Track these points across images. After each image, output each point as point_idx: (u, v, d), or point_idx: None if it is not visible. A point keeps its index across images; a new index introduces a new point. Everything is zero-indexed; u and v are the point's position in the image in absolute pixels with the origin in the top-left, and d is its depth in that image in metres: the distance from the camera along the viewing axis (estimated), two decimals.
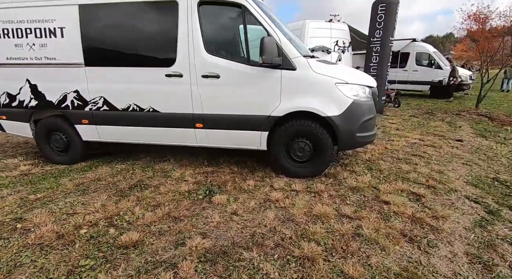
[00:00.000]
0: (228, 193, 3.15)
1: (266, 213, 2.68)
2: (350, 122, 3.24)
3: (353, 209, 2.75)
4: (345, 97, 3.18)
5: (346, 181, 3.40)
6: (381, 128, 6.39)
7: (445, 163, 4.11)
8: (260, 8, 3.21)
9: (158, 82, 3.55)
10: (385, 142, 5.13)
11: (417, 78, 13.59)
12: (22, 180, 3.64)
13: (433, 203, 2.90)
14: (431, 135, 5.77)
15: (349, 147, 3.55)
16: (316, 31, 7.28)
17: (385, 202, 2.88)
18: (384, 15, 7.54)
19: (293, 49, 3.18)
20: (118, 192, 3.22)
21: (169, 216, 2.66)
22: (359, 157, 4.30)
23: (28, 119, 4.27)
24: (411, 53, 13.85)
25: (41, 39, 3.85)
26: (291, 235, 2.33)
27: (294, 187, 3.24)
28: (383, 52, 7.81)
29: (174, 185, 3.38)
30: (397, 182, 3.36)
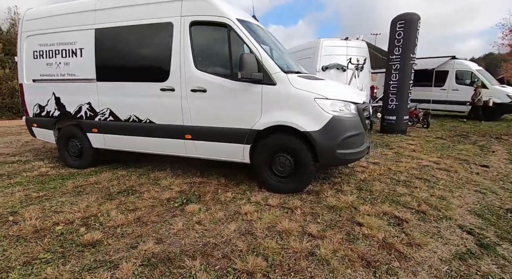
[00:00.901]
0: (203, 203, 3.21)
1: (229, 225, 2.66)
2: (330, 138, 3.14)
3: (320, 228, 2.62)
4: (324, 112, 3.12)
5: (327, 199, 3.25)
6: (396, 148, 6.00)
7: (453, 189, 3.72)
8: (245, 27, 3.37)
9: (154, 95, 3.84)
10: (391, 163, 4.81)
11: (458, 98, 12.55)
12: (36, 180, 4.10)
13: (415, 229, 2.63)
14: (452, 158, 5.26)
15: (329, 164, 3.41)
16: (330, 49, 7.27)
17: (359, 224, 2.69)
18: (403, 32, 7.30)
19: (274, 65, 3.25)
20: (107, 195, 3.47)
21: (138, 221, 2.79)
22: (354, 176, 4.09)
23: (52, 127, 4.86)
24: (450, 71, 12.96)
25: (65, 58, 4.45)
26: (242, 248, 2.29)
27: (270, 201, 3.18)
28: (404, 70, 7.48)
29: (158, 192, 3.54)
30: (383, 205, 3.12)
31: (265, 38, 3.87)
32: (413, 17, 7.28)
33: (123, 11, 3.95)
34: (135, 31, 3.89)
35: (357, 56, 7.38)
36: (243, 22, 3.45)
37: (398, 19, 7.41)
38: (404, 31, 7.32)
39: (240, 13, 3.68)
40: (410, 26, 7.28)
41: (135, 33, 3.90)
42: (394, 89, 7.71)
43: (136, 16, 3.86)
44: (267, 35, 4.07)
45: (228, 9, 3.45)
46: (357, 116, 3.34)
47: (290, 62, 4.08)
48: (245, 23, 3.48)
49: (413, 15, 7.29)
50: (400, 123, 7.77)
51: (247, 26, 3.44)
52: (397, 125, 7.78)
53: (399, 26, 7.38)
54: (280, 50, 4.26)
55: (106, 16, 4.06)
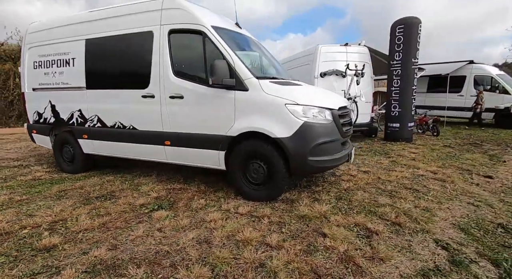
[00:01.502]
0: (174, 210, 3.18)
1: (189, 233, 2.61)
2: (301, 145, 3.04)
3: (282, 238, 2.50)
4: (295, 118, 3.03)
5: (300, 208, 3.12)
6: (394, 157, 5.73)
7: (442, 200, 3.47)
8: (220, 34, 3.38)
9: (136, 102, 3.91)
10: (383, 172, 4.59)
11: None
12: (26, 184, 4.25)
13: (384, 242, 2.46)
14: (453, 168, 4.94)
15: (301, 171, 3.29)
16: (329, 55, 7.15)
17: (323, 235, 2.55)
18: (403, 37, 7.07)
19: (246, 70, 3.22)
20: (85, 200, 3.53)
21: (103, 226, 2.80)
22: (337, 185, 3.92)
23: (49, 133, 5.07)
24: (468, 77, 12.36)
25: (60, 68, 4.66)
26: (193, 257, 2.22)
27: (240, 209, 3.10)
28: (406, 76, 7.21)
29: (135, 198, 3.56)
30: (358, 215, 2.95)
31: (244, 44, 3.87)
32: (413, 21, 7.04)
33: (110, 21, 4.10)
34: (120, 40, 4.01)
35: (357, 61, 7.20)
36: (219, 29, 3.46)
37: (397, 24, 7.20)
38: (404, 36, 7.09)
39: (218, 21, 3.70)
40: (410, 30, 7.04)
41: (119, 42, 4.02)
42: (396, 95, 7.43)
43: (121, 26, 3.99)
44: (248, 42, 4.06)
45: (204, 16, 3.48)
46: (332, 122, 3.22)
47: (273, 68, 4.04)
48: (221, 30, 3.49)
49: (413, 19, 7.06)
50: (405, 130, 7.44)
51: (222, 33, 3.45)
52: (401, 133, 7.45)
53: (399, 30, 7.16)
54: (265, 57, 4.24)
55: (95, 27, 4.23)
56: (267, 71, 3.81)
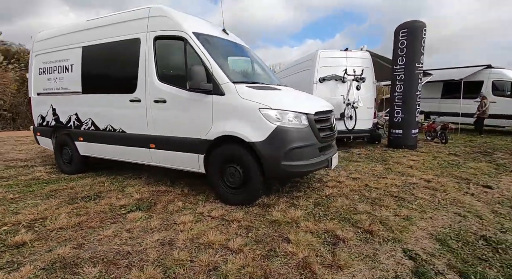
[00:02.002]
0: (150, 211, 3.24)
1: (156, 234, 2.64)
2: (274, 149, 3.03)
3: (245, 242, 2.49)
4: (268, 123, 3.03)
5: (273, 213, 3.08)
6: (391, 164, 5.55)
7: (427, 209, 3.32)
8: (201, 39, 3.46)
9: (125, 106, 4.05)
10: (373, 179, 4.46)
11: (496, 111, 11.28)
12: (24, 183, 4.47)
13: (348, 250, 2.39)
14: (452, 176, 4.71)
15: (275, 175, 3.25)
16: (328, 61, 7.09)
17: (288, 240, 2.51)
18: (407, 41, 6.89)
19: (223, 75, 3.26)
20: (71, 199, 3.66)
21: (78, 225, 2.89)
22: (320, 191, 3.85)
23: (50, 135, 5.33)
24: (486, 82, 11.81)
25: (60, 73, 4.91)
26: (150, 258, 2.25)
27: (214, 213, 3.11)
28: (409, 81, 7.01)
29: (118, 199, 3.65)
30: (330, 222, 2.88)
31: (228, 50, 3.93)
32: (417, 25, 6.86)
33: (103, 30, 4.30)
34: (111, 47, 4.19)
35: (357, 67, 7.09)
36: (200, 35, 3.54)
37: (401, 28, 7.04)
38: (408, 40, 6.91)
39: (202, 27, 3.77)
40: (414, 34, 6.86)
41: (111, 49, 4.20)
42: (400, 101, 7.22)
43: (112, 34, 4.17)
44: (234, 47, 4.12)
45: (186, 23, 3.58)
46: (308, 127, 3.18)
47: (258, 73, 4.07)
48: (203, 36, 3.56)
49: (417, 23, 6.88)
50: (408, 137, 7.19)
51: (204, 38, 3.53)
52: (404, 140, 7.21)
53: (402, 34, 7.00)
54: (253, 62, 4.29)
55: (90, 35, 4.44)
56: (250, 76, 3.84)
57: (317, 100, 3.88)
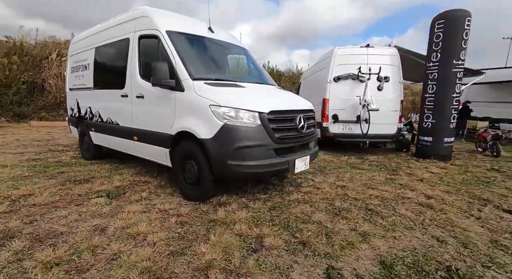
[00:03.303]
0: (115, 199, 3.46)
1: (96, 220, 2.82)
2: (221, 147, 2.95)
3: (166, 236, 2.50)
4: (216, 120, 2.96)
5: (218, 212, 3.01)
6: (399, 175, 4.89)
7: (397, 228, 2.87)
8: (172, 37, 3.56)
9: (118, 100, 4.41)
10: (359, 189, 4.00)
11: None
12: (45, 164, 5.22)
13: (264, 258, 2.21)
14: (467, 195, 3.94)
15: (222, 174, 3.12)
16: (346, 58, 6.54)
17: (206, 240, 2.44)
18: (443, 34, 5.94)
19: (184, 72, 3.30)
20: (64, 181, 4.14)
21: (49, 204, 3.23)
22: (288, 195, 3.61)
23: (76, 125, 6.12)
24: None
25: (82, 72, 5.60)
26: (72, 241, 2.40)
27: (164, 206, 3.18)
28: (443, 80, 6.04)
29: (100, 184, 4.00)
30: (269, 228, 2.70)
31: (207, 47, 3.96)
32: (457, 14, 5.84)
33: (108, 31, 4.75)
34: (111, 47, 4.61)
35: (378, 64, 6.37)
36: (174, 33, 3.64)
37: (437, 19, 6.08)
38: (444, 32, 5.94)
39: (180, 25, 3.84)
40: (453, 25, 5.86)
41: (111, 48, 4.63)
42: (431, 103, 6.26)
43: (113, 35, 4.58)
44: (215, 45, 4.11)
45: (162, 22, 3.71)
46: (260, 126, 3.01)
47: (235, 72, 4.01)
48: (175, 34, 3.65)
49: (458, 12, 5.84)
50: (439, 146, 6.20)
51: (175, 36, 3.62)
52: (433, 148, 6.24)
53: (438, 26, 6.04)
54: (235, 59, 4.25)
55: (100, 37, 4.95)
56: (222, 73, 3.80)
57: (286, 99, 3.63)
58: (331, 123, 6.60)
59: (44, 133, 9.82)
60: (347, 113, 6.52)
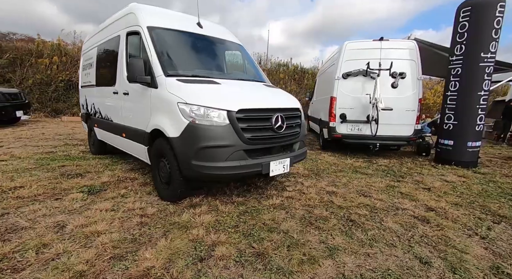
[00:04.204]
0: (95, 195, 3.48)
1: (61, 216, 2.83)
2: (186, 147, 2.81)
3: (118, 238, 2.42)
4: (182, 118, 2.83)
5: (183, 215, 2.88)
6: (405, 182, 4.40)
7: (377, 244, 2.52)
8: (152, 33, 3.48)
9: (111, 97, 4.48)
10: (350, 195, 3.63)
11: None
12: (54, 157, 5.49)
13: (208, 269, 2.03)
14: (480, 210, 3.41)
15: (188, 175, 2.95)
16: (356, 53, 6.04)
17: (155, 245, 2.31)
18: (469, 23, 5.23)
19: (158, 68, 3.20)
20: (60, 175, 4.27)
21: (32, 197, 3.33)
22: (264, 200, 3.37)
23: (86, 121, 6.40)
24: None
25: (89, 69, 5.81)
26: (29, 237, 2.42)
27: (135, 205, 3.12)
28: (468, 75, 5.34)
29: (90, 179, 4.08)
30: (230, 235, 2.53)
31: (190, 43, 3.83)
32: (486, 0, 5.09)
33: (107, 29, 4.83)
34: (108, 44, 4.68)
35: (393, 59, 5.78)
36: (154, 28, 3.56)
37: (462, 6, 5.36)
38: (471, 21, 5.21)
39: (164, 21, 3.74)
40: (480, 13, 5.12)
41: (107, 46, 4.70)
42: (453, 102, 5.56)
43: (109, 32, 4.65)
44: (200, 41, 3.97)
45: (144, 17, 3.65)
46: (228, 125, 2.81)
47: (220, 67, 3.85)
48: (156, 29, 3.57)
49: None
50: (461, 151, 5.49)
51: (156, 32, 3.54)
52: (455, 154, 5.54)
53: (463, 15, 5.32)
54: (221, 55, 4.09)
55: (101, 35, 5.07)
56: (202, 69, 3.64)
57: (264, 97, 3.38)
58: (338, 123, 6.17)
59: (69, 128, 10.49)
60: (357, 113, 6.04)
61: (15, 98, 9.99)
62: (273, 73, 19.80)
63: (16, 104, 9.93)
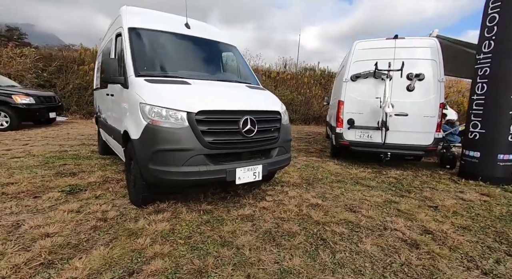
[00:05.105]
0: (73, 194, 3.50)
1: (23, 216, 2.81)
2: (144, 149, 2.68)
3: (61, 243, 2.33)
4: (142, 120, 2.70)
5: (140, 222, 2.73)
6: (408, 199, 3.84)
7: (341, 270, 2.15)
8: (132, 34, 3.45)
9: (106, 99, 4.58)
10: (333, 210, 3.21)
11: None
12: (62, 156, 5.75)
13: None
14: (493, 237, 2.82)
15: (147, 179, 2.78)
16: (366, 53, 5.53)
17: (91, 254, 2.18)
18: (499, 15, 4.51)
19: (130, 68, 3.14)
20: (57, 173, 4.41)
21: (14, 194, 3.44)
22: (236, 209, 3.10)
23: (96, 122, 6.68)
24: None
25: (98, 73, 6.07)
26: None
27: (102, 207, 3.06)
28: (498, 76, 4.60)
29: (79, 178, 4.15)
30: (175, 247, 2.32)
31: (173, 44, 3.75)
32: None
33: (107, 33, 4.99)
34: (105, 47, 4.82)
35: (410, 59, 5.16)
36: (135, 29, 3.53)
37: None
38: (501, 13, 4.48)
39: (147, 23, 3.68)
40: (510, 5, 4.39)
41: (105, 49, 4.84)
42: (479, 108, 4.80)
43: (108, 36, 4.78)
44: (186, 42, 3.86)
45: (128, 19, 3.63)
46: (188, 127, 2.62)
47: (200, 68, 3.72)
48: (137, 30, 3.53)
49: None
50: (490, 164, 4.70)
51: (137, 33, 3.50)
52: (481, 167, 4.77)
53: (493, 6, 4.60)
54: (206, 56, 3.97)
55: (105, 40, 5.25)
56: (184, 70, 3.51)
57: (236, 99, 3.12)
58: (346, 129, 5.68)
59: (94, 129, 11.13)
60: (366, 118, 5.51)
61: (49, 100, 10.87)
62: (298, 77, 19.40)
63: (50, 106, 10.81)
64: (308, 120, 17.51)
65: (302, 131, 12.27)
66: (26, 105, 9.56)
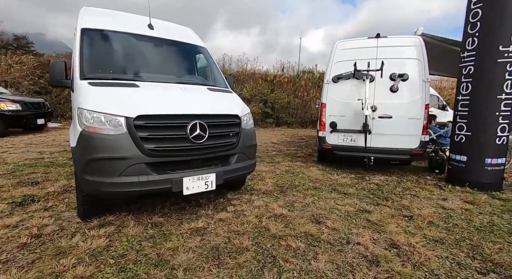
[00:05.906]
0: (23, 206, 3.28)
1: None
2: (79, 158, 2.47)
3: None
4: (78, 126, 2.49)
5: (74, 238, 2.50)
6: (382, 207, 3.56)
7: None
8: (84, 35, 3.25)
9: None
10: (296, 221, 2.96)
11: None
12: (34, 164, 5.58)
13: None
14: (470, 254, 2.54)
15: (86, 191, 2.56)
16: (348, 53, 5.29)
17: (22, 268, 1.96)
18: (482, 10, 4.26)
19: (77, 71, 2.94)
20: (17, 182, 4.21)
21: None
22: (193, 223, 2.85)
23: None
24: None
25: None
26: None
27: (43, 221, 2.83)
28: (483, 75, 4.33)
29: (38, 189, 3.93)
30: (98, 268, 2.08)
31: (132, 45, 3.55)
32: None
33: None
34: None
35: (392, 58, 4.91)
36: (88, 30, 3.32)
37: None
38: (484, 8, 4.23)
39: (105, 23, 3.47)
40: None
41: None
42: (465, 109, 4.53)
43: None
44: (146, 42, 3.66)
45: (83, 20, 3.43)
46: (126, 134, 2.40)
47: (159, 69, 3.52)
48: (91, 31, 3.33)
49: None
50: (477, 169, 4.40)
51: (89, 34, 3.31)
52: (468, 172, 4.47)
53: (476, 1, 4.34)
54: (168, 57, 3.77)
55: None
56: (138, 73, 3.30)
57: (187, 101, 2.89)
58: (328, 133, 5.42)
59: None
60: (348, 121, 5.25)
61: (37, 107, 10.77)
62: (296, 80, 19.17)
63: (38, 112, 10.70)
64: (305, 123, 17.23)
65: (297, 135, 12.00)
66: (12, 112, 9.46)
